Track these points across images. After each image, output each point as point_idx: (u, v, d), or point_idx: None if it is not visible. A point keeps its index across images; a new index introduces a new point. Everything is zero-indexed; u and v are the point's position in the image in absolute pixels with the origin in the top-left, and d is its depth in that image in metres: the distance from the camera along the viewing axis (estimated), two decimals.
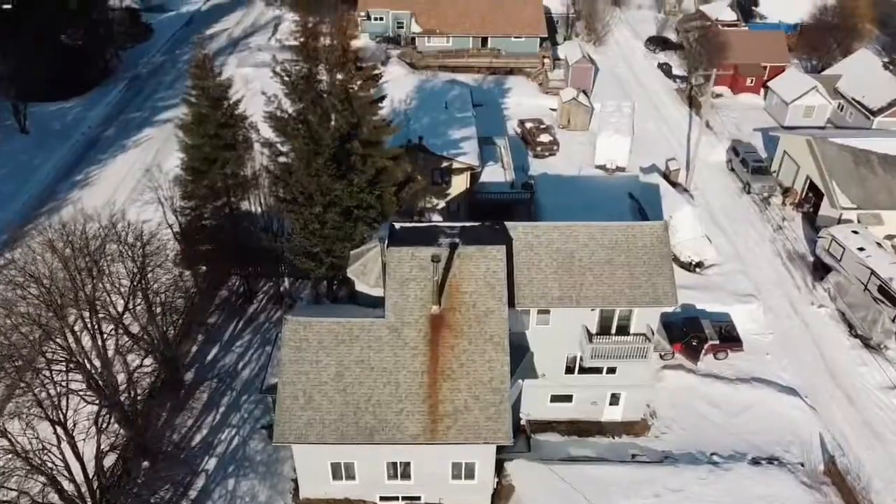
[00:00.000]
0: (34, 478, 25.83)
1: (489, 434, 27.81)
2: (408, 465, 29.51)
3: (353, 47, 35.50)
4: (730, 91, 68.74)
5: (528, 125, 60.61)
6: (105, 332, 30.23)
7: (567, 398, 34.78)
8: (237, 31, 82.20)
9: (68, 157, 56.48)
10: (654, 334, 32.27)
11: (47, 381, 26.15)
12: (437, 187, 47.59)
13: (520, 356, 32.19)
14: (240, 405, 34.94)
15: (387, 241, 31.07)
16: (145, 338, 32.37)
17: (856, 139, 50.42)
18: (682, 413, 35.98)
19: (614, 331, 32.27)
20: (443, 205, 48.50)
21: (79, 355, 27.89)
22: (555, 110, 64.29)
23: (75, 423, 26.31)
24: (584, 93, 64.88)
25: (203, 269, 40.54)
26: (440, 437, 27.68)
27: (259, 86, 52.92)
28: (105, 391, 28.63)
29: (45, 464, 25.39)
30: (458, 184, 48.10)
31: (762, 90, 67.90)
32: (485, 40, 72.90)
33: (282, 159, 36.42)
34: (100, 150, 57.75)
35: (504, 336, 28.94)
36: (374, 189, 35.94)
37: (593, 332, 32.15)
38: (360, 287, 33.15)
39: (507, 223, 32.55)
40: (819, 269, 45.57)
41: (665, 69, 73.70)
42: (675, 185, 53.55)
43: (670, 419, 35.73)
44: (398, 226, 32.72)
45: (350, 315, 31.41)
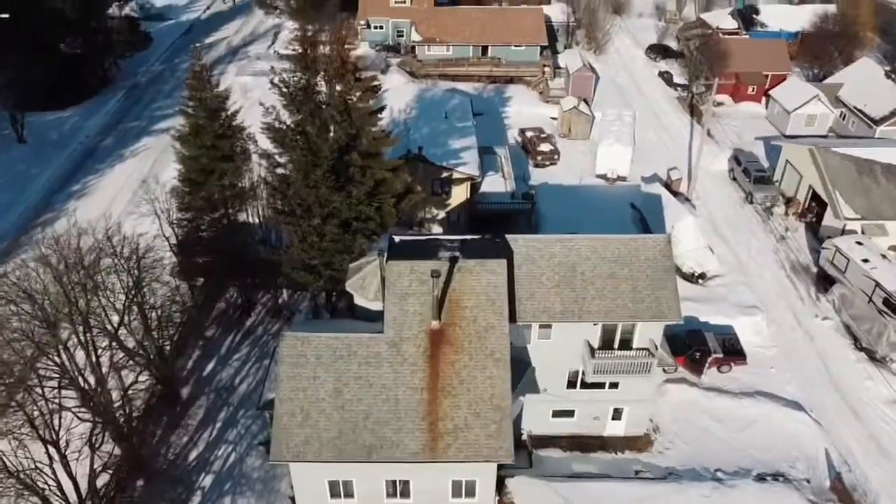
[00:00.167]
0: (26, 497, 25.32)
1: (490, 452, 27.25)
2: (407, 483, 28.94)
3: (352, 57, 35.19)
4: (731, 99, 68.39)
5: (529, 134, 60.27)
6: (100, 347, 29.79)
7: (569, 413, 34.29)
8: (236, 40, 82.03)
9: (65, 167, 56.14)
10: (657, 349, 31.79)
11: (39, 399, 25.63)
12: (437, 198, 47.21)
13: (521, 371, 31.71)
14: (237, 420, 34.44)
15: (386, 255, 30.66)
16: (141, 353, 31.87)
17: (859, 149, 50.04)
18: (686, 428, 35.47)
19: (617, 345, 31.78)
20: (443, 215, 48.10)
21: (72, 372, 27.39)
22: (555, 119, 63.99)
23: (68, 442, 25.82)
24: (585, 101, 64.57)
25: (200, 281, 40.07)
26: (440, 454, 27.12)
27: (258, 94, 52.70)
28: (99, 408, 28.12)
29: (37, 483, 24.86)
30: (459, 194, 47.70)
31: (763, 99, 67.61)
32: (485, 49, 72.65)
33: (280, 171, 36.04)
34: (97, 160, 57.41)
35: (505, 352, 28.45)
36: (373, 201, 35.57)
37: (595, 346, 31.67)
38: (359, 301, 32.68)
39: (507, 236, 32.08)
40: (823, 281, 45.11)
41: (666, 77, 73.41)
42: (676, 194, 53.15)
43: (673, 434, 35.22)
44: (397, 239, 32.27)
45: (349, 330, 30.93)
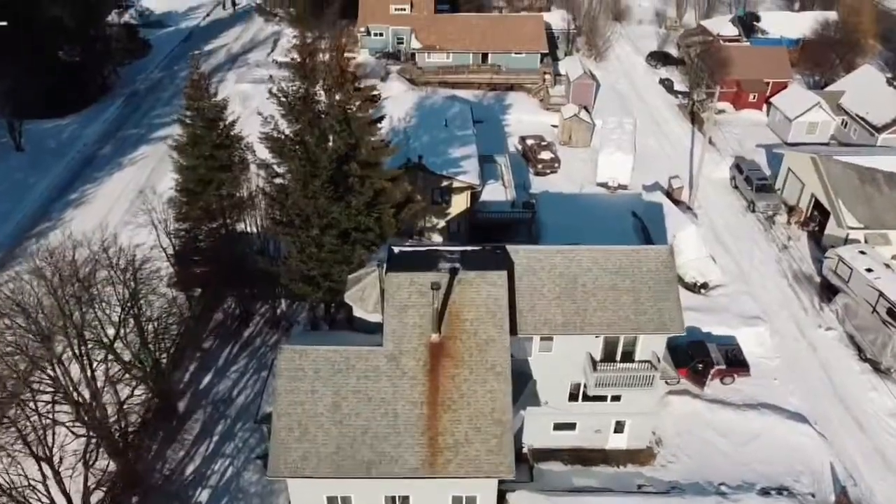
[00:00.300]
0: None
1: (491, 468, 26.83)
2: (406, 499, 28.50)
3: (351, 66, 34.88)
4: (732, 107, 68.12)
5: (529, 142, 59.98)
6: (96, 360, 29.40)
7: (570, 426, 33.87)
8: (236, 47, 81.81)
9: (63, 176, 55.79)
10: (660, 361, 31.41)
11: (32, 414, 25.22)
12: (437, 207, 46.87)
13: (522, 383, 31.31)
14: (234, 434, 34.01)
15: (385, 266, 30.31)
16: (137, 365, 31.46)
17: (861, 157, 49.72)
18: (689, 441, 35.05)
19: (619, 358, 31.41)
20: (443, 224, 47.76)
21: (67, 386, 26.98)
22: (556, 127, 63.70)
23: (62, 459, 25.39)
24: (586, 109, 64.29)
25: (198, 291, 39.70)
26: (440, 470, 26.70)
27: (257, 102, 52.46)
28: (94, 422, 27.70)
29: (31, 501, 24.44)
30: (459, 203, 47.37)
31: (765, 106, 67.36)
32: (485, 56, 72.37)
33: (278, 181, 35.70)
34: (95, 168, 57.09)
35: (506, 365, 28.06)
36: (372, 211, 35.23)
37: (597, 358, 31.29)
38: (358, 313, 32.33)
39: (508, 247, 31.71)
40: (826, 290, 44.74)
41: (667, 85, 73.17)
42: (677, 203, 52.84)
43: (676, 447, 34.79)
44: (397, 250, 31.88)
45: (347, 342, 30.54)
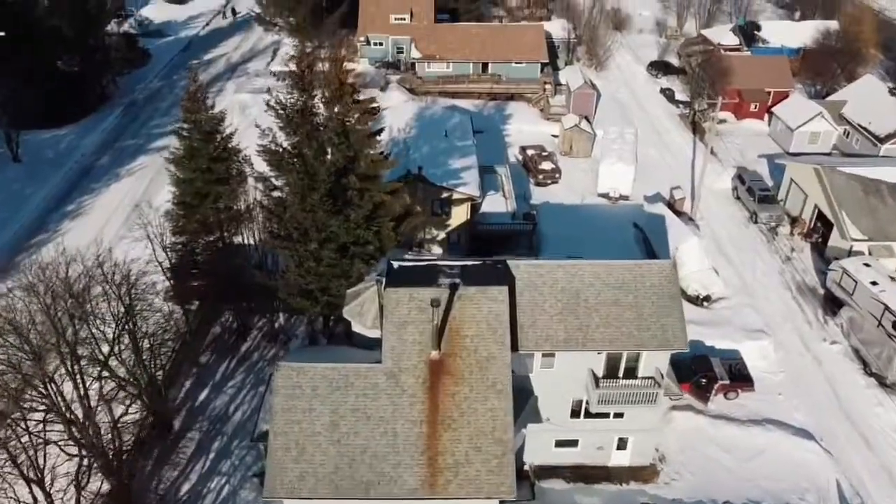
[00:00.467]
0: None
1: (491, 488, 26.30)
2: None
3: (350, 79, 34.51)
4: (733, 117, 67.78)
5: (530, 152, 59.62)
6: (91, 377, 28.91)
7: (572, 443, 33.37)
8: (235, 56, 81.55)
9: (61, 186, 55.36)
10: (663, 378, 30.92)
11: (23, 434, 24.71)
12: (436, 218, 46.47)
13: (523, 400, 30.81)
14: (230, 451, 33.45)
15: (384, 282, 29.86)
16: (133, 381, 30.95)
17: (864, 168, 49.34)
18: (692, 457, 34.51)
19: (622, 374, 30.94)
20: (443, 236, 47.36)
21: (59, 404, 26.48)
22: (556, 137, 63.37)
23: (53, 480, 24.86)
24: (587, 119, 63.98)
25: (195, 304, 39.23)
26: (440, 491, 26.17)
27: (256, 112, 52.04)
28: (88, 441, 27.19)
29: None
30: (459, 214, 46.95)
31: (766, 116, 67.03)
32: (485, 66, 72.06)
33: (276, 194, 35.28)
34: (93, 179, 56.69)
35: (507, 383, 27.58)
36: (371, 224, 34.81)
37: (600, 375, 30.82)
38: (357, 328, 31.90)
39: (509, 261, 31.29)
40: (830, 303, 44.27)
41: (668, 94, 72.87)
42: (679, 214, 52.46)
43: (680, 464, 34.26)
44: (396, 264, 31.43)
45: (346, 358, 30.11)
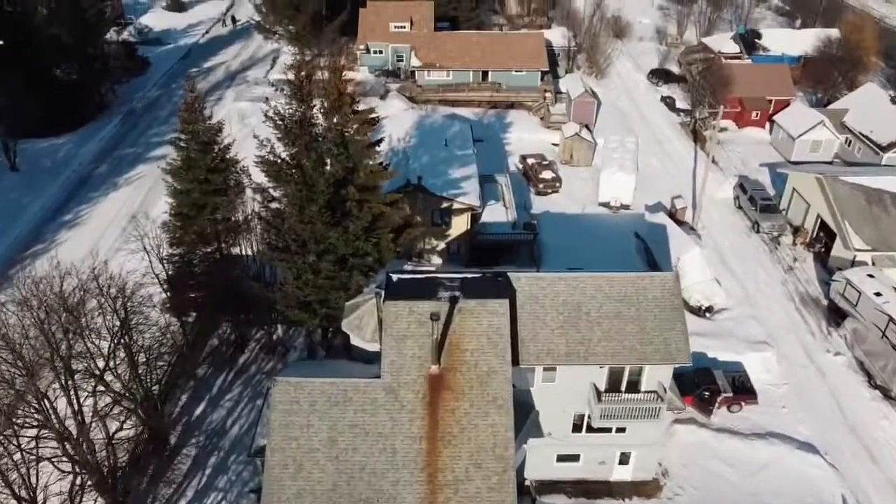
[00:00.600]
0: None
1: None
2: None
3: (349, 89, 34.21)
4: (735, 125, 67.53)
5: (530, 161, 59.33)
6: (86, 391, 28.49)
7: (574, 457, 32.93)
8: (235, 65, 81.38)
9: (58, 196, 55.02)
10: (666, 392, 30.49)
11: (15, 452, 24.28)
12: (436, 228, 46.11)
13: (524, 414, 30.38)
14: (227, 467, 32.98)
15: (383, 294, 29.47)
16: (128, 396, 30.52)
17: (867, 177, 49.01)
18: (696, 472, 34.06)
19: (624, 388, 30.52)
20: (443, 246, 46.99)
21: (53, 420, 26.06)
22: (557, 145, 63.09)
23: (46, 499, 24.42)
24: (587, 127, 63.73)
25: (192, 316, 38.84)
26: None
27: (256, 120, 51.74)
28: (82, 457, 26.75)
29: None
30: (459, 224, 46.61)
31: (767, 124, 66.77)
32: (485, 74, 71.88)
33: (274, 205, 34.92)
34: (91, 188, 56.36)
35: (508, 398, 27.15)
36: (370, 236, 34.46)
37: (602, 389, 30.40)
38: (356, 341, 31.50)
39: (510, 274, 30.88)
40: (834, 314, 43.86)
41: (668, 102, 72.64)
42: (681, 223, 52.11)
43: (683, 479, 33.81)
44: (395, 277, 31.05)
45: (344, 372, 29.72)
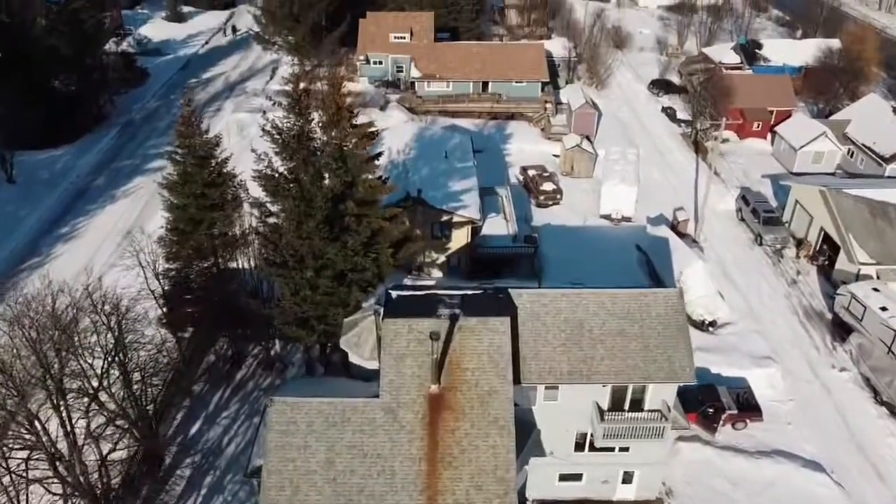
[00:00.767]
0: None
1: None
2: None
3: (348, 100, 33.82)
4: (736, 136, 67.18)
5: (531, 173, 58.93)
6: (79, 410, 27.94)
7: (577, 476, 32.36)
8: (234, 76, 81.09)
9: (55, 209, 54.54)
10: (670, 410, 29.96)
11: (4, 474, 23.71)
12: (436, 242, 45.67)
13: (526, 433, 29.83)
14: (223, 487, 32.35)
15: (382, 312, 28.98)
16: (122, 415, 29.94)
17: (870, 189, 48.58)
18: (700, 491, 33.50)
19: (627, 406, 29.99)
20: (443, 259, 46.54)
21: (45, 441, 25.50)
22: (557, 156, 62.72)
23: None
24: (588, 139, 63.37)
25: (189, 332, 38.30)
26: None
27: (255, 131, 51.38)
28: (75, 479, 26.18)
29: None
30: (459, 238, 46.16)
31: (769, 135, 66.43)
32: (485, 85, 71.62)
33: (272, 220, 34.45)
34: (88, 201, 55.91)
35: (509, 418, 26.61)
36: (369, 251, 33.98)
37: (605, 407, 29.86)
38: (354, 359, 31.02)
39: (511, 290, 30.41)
40: (838, 328, 43.34)
41: (669, 113, 72.33)
42: (683, 236, 51.65)
43: (687, 498, 33.25)
44: (394, 294, 30.54)
45: (343, 390, 29.26)
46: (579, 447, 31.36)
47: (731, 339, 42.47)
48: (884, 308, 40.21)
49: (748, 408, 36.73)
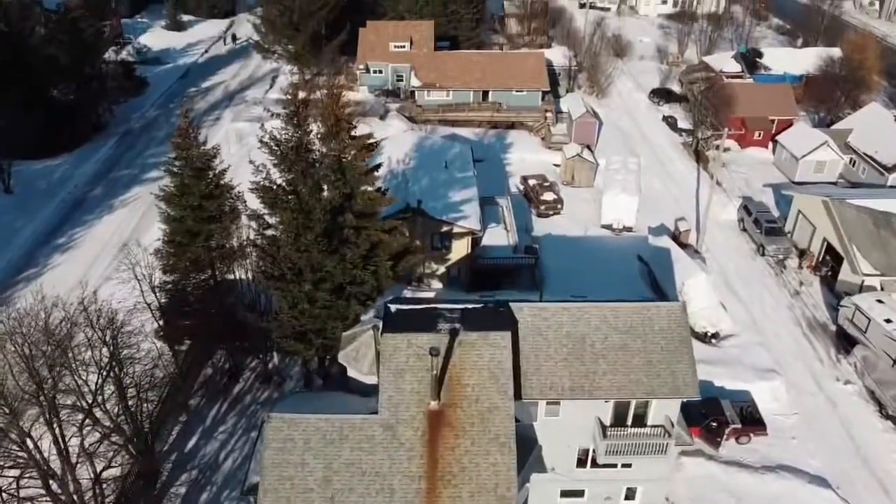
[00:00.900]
0: None
1: None
2: None
3: (347, 112, 33.48)
4: (737, 145, 66.87)
5: (532, 182, 58.64)
6: (74, 426, 27.48)
7: (579, 493, 31.86)
8: (234, 84, 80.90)
9: (52, 219, 54.17)
10: (674, 426, 29.48)
11: None
12: (436, 253, 45.28)
13: (527, 449, 29.37)
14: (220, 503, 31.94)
15: (381, 326, 28.56)
16: (117, 430, 29.47)
17: (873, 199, 48.20)
18: None
19: (630, 422, 29.53)
20: (442, 270, 46.14)
21: (38, 458, 25.04)
22: (558, 166, 62.42)
23: None
24: (589, 148, 63.07)
25: (185, 345, 37.87)
26: None
27: (254, 141, 51.14)
28: (66, 497, 25.70)
29: None
30: (459, 248, 45.78)
31: (770, 144, 66.14)
32: (486, 94, 71.39)
33: (269, 232, 34.07)
34: (86, 211, 55.55)
35: (510, 435, 26.15)
36: (368, 264, 33.58)
37: (607, 423, 29.40)
38: (353, 373, 30.55)
39: (511, 304, 29.96)
40: (842, 340, 42.89)
41: (670, 122, 72.07)
42: (684, 246, 51.26)
43: None
44: (394, 308, 30.09)
45: (341, 406, 28.73)
46: (581, 463, 30.89)
47: (733, 352, 42.05)
48: (888, 320, 39.80)
49: (752, 421, 36.29)
